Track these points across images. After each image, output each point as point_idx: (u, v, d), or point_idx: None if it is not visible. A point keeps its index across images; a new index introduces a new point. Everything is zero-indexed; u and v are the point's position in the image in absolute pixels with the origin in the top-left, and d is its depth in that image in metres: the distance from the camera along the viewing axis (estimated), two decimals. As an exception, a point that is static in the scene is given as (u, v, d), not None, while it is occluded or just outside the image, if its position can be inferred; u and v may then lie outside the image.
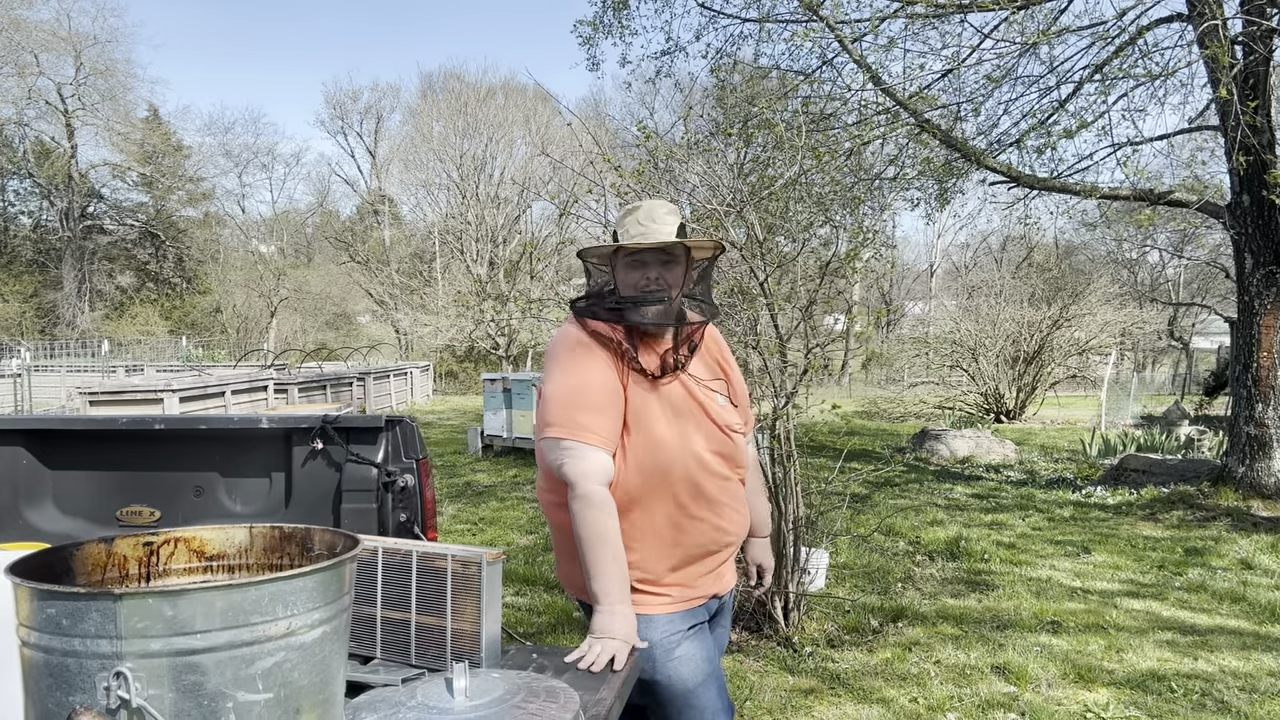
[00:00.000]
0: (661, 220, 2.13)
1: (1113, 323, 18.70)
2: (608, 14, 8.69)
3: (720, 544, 2.19)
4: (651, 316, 2.11)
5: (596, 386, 2.04)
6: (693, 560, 2.16)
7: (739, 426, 2.22)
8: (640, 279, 2.12)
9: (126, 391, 11.77)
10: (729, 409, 2.21)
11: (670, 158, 5.82)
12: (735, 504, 2.20)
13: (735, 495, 2.20)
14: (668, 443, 2.08)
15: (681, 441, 2.10)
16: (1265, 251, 7.69)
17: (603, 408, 2.03)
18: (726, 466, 2.17)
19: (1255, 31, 7.05)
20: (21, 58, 33.80)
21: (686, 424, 2.11)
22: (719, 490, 2.14)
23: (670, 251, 2.14)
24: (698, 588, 2.19)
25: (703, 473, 2.11)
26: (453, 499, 8.83)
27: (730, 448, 2.17)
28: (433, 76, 48.55)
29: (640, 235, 2.11)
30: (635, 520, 2.09)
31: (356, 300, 40.41)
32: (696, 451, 2.11)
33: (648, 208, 2.16)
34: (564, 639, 4.60)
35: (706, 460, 2.12)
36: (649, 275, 2.12)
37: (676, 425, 2.10)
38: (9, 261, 36.79)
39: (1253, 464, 7.83)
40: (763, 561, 2.50)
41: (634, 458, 2.08)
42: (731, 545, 2.23)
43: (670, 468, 2.09)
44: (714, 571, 2.21)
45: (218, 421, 2.83)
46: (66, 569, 1.42)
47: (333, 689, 1.37)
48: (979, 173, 8.75)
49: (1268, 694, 3.86)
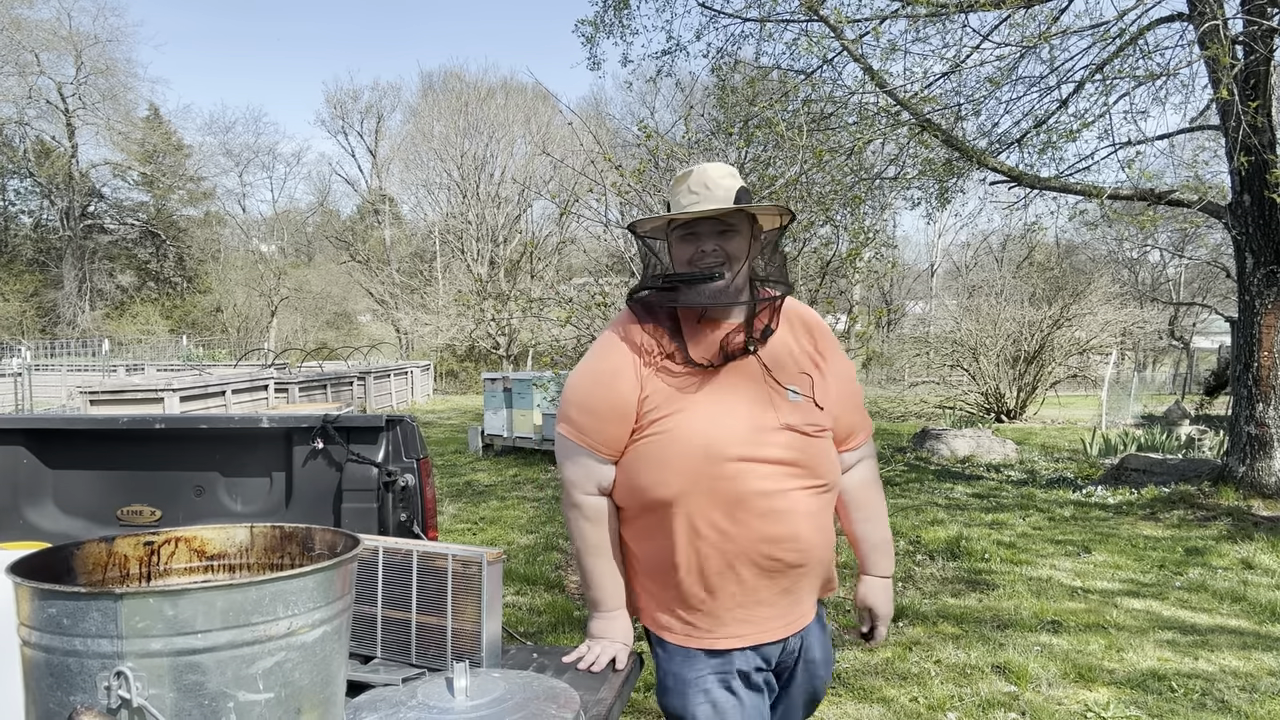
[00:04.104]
0: (716, 185, 1.86)
1: (1113, 322, 18.69)
2: (609, 13, 8.68)
3: (770, 567, 1.82)
4: (706, 296, 1.83)
5: (603, 390, 1.86)
6: (718, 588, 1.83)
7: (812, 428, 1.85)
8: (694, 253, 1.85)
9: (127, 391, 11.77)
10: (805, 407, 1.85)
11: (671, 157, 5.82)
12: (797, 520, 1.81)
13: (800, 510, 1.81)
14: (693, 442, 1.79)
15: (719, 440, 1.79)
16: (1266, 251, 7.68)
17: (603, 414, 1.85)
18: (791, 475, 1.81)
19: (1256, 31, 7.04)
20: (22, 57, 33.80)
21: (735, 420, 1.80)
22: (771, 502, 1.79)
23: (727, 221, 1.85)
24: (727, 624, 1.84)
25: (746, 479, 1.78)
26: (453, 499, 8.83)
27: (797, 453, 1.81)
28: (433, 76, 48.54)
29: (691, 204, 1.85)
30: (648, 529, 1.87)
31: (357, 300, 40.40)
32: (738, 453, 1.79)
33: (699, 172, 1.89)
34: (564, 639, 4.60)
35: (753, 465, 1.79)
36: (703, 248, 1.84)
37: (718, 421, 1.80)
38: (9, 261, 36.79)
39: (1253, 464, 7.82)
40: (875, 606, 2.03)
41: (656, 456, 1.82)
42: (790, 571, 1.84)
43: (698, 470, 1.79)
44: (761, 606, 1.84)
45: (218, 421, 2.83)
46: (67, 568, 1.42)
47: (333, 689, 1.37)
48: (980, 172, 8.75)
49: (1268, 694, 3.86)
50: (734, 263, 1.84)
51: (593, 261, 13.55)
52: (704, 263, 1.83)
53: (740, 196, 1.86)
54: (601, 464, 1.86)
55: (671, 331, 1.86)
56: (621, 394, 1.84)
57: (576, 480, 1.88)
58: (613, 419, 1.85)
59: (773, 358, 1.87)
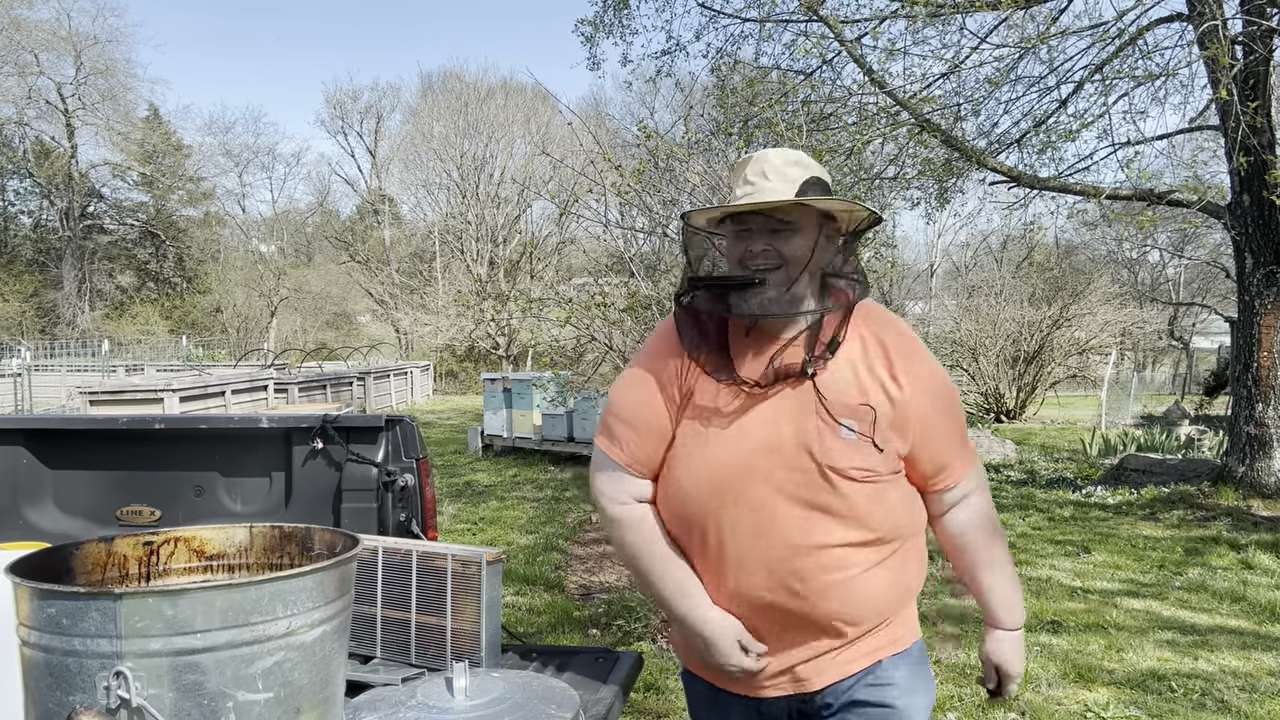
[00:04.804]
0: (776, 174, 1.60)
1: (1113, 322, 18.70)
2: (609, 13, 8.70)
3: (788, 623, 1.60)
4: (753, 305, 1.58)
5: (638, 398, 1.68)
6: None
7: (861, 472, 1.54)
8: (743, 252, 1.61)
9: (126, 391, 11.77)
10: (859, 447, 1.54)
11: (670, 157, 5.82)
12: (823, 578, 1.56)
13: (825, 566, 1.55)
14: (716, 474, 1.59)
15: (740, 475, 1.57)
16: (1265, 251, 7.68)
17: (636, 424, 1.67)
18: (828, 522, 1.55)
19: (1255, 31, 7.04)
20: (21, 57, 33.80)
21: (766, 455, 1.56)
22: (800, 556, 1.55)
23: (783, 217, 1.58)
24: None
25: (771, 523, 1.55)
26: (453, 499, 8.83)
27: (838, 499, 1.54)
28: (433, 76, 48.56)
29: (744, 196, 1.61)
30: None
31: (356, 300, 40.40)
32: (762, 493, 1.56)
33: (758, 159, 1.64)
34: (564, 639, 4.59)
35: (774, 511, 1.55)
36: (751, 248, 1.59)
37: (743, 452, 1.57)
38: (9, 261, 36.79)
39: (1253, 464, 7.82)
40: (1003, 663, 1.73)
41: (674, 484, 1.64)
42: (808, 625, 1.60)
43: (715, 508, 1.58)
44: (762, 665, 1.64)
45: (218, 421, 2.83)
46: (67, 569, 1.43)
47: (333, 688, 1.37)
48: (979, 172, 8.75)
49: (1268, 693, 3.86)
50: (792, 266, 1.58)
51: (592, 262, 13.55)
52: (753, 264, 1.59)
53: (807, 188, 1.59)
54: (634, 479, 1.68)
55: (716, 342, 1.63)
56: (655, 409, 1.66)
57: (608, 491, 1.70)
58: (648, 435, 1.66)
59: (831, 382, 1.57)
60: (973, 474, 1.70)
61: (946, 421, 1.64)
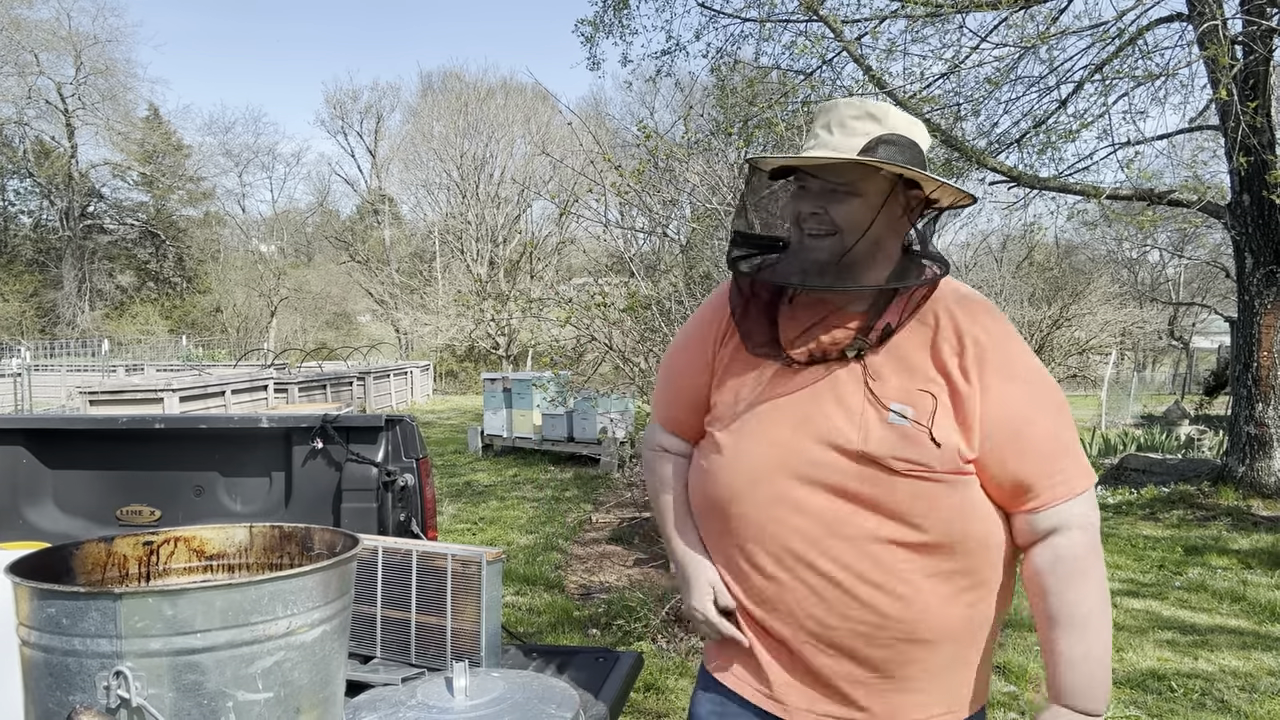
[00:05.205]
0: (845, 127, 1.39)
1: (1113, 322, 18.73)
2: (609, 13, 8.70)
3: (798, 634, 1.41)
4: (792, 274, 1.44)
5: (674, 363, 1.62)
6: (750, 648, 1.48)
7: (906, 464, 1.33)
8: (796, 213, 1.44)
9: (126, 391, 11.77)
10: (910, 434, 1.33)
11: (670, 157, 5.82)
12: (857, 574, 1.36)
13: (861, 561, 1.36)
14: (732, 461, 1.45)
15: (764, 459, 1.41)
16: (1265, 251, 7.68)
17: (670, 388, 1.62)
18: (863, 514, 1.36)
19: (1255, 31, 7.05)
20: (21, 57, 33.79)
21: (794, 437, 1.39)
22: (823, 549, 1.37)
23: (838, 179, 1.38)
24: (737, 674, 1.51)
25: (787, 520, 1.39)
26: (453, 499, 8.83)
27: (864, 488, 1.35)
28: (433, 76, 48.51)
29: (808, 149, 1.42)
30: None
31: (356, 300, 40.40)
32: (776, 485, 1.40)
33: (829, 109, 1.43)
34: (564, 638, 4.59)
35: (799, 500, 1.38)
36: (802, 209, 1.42)
37: (771, 434, 1.41)
38: (9, 261, 36.79)
39: (1253, 463, 7.83)
40: None
41: (712, 458, 1.50)
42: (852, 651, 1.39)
43: (728, 497, 1.45)
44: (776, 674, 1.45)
45: (218, 421, 2.83)
46: (66, 568, 1.43)
47: (333, 688, 1.37)
48: (979, 172, 8.76)
49: (1268, 693, 3.86)
50: (847, 234, 1.38)
51: (593, 261, 13.56)
52: (805, 228, 1.42)
53: (875, 147, 1.36)
54: (668, 434, 1.63)
55: (762, 309, 1.47)
56: (690, 376, 1.56)
57: (645, 438, 1.69)
58: (681, 401, 1.58)
59: (886, 363, 1.39)
60: (1071, 505, 1.36)
61: (1035, 432, 1.36)
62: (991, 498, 1.38)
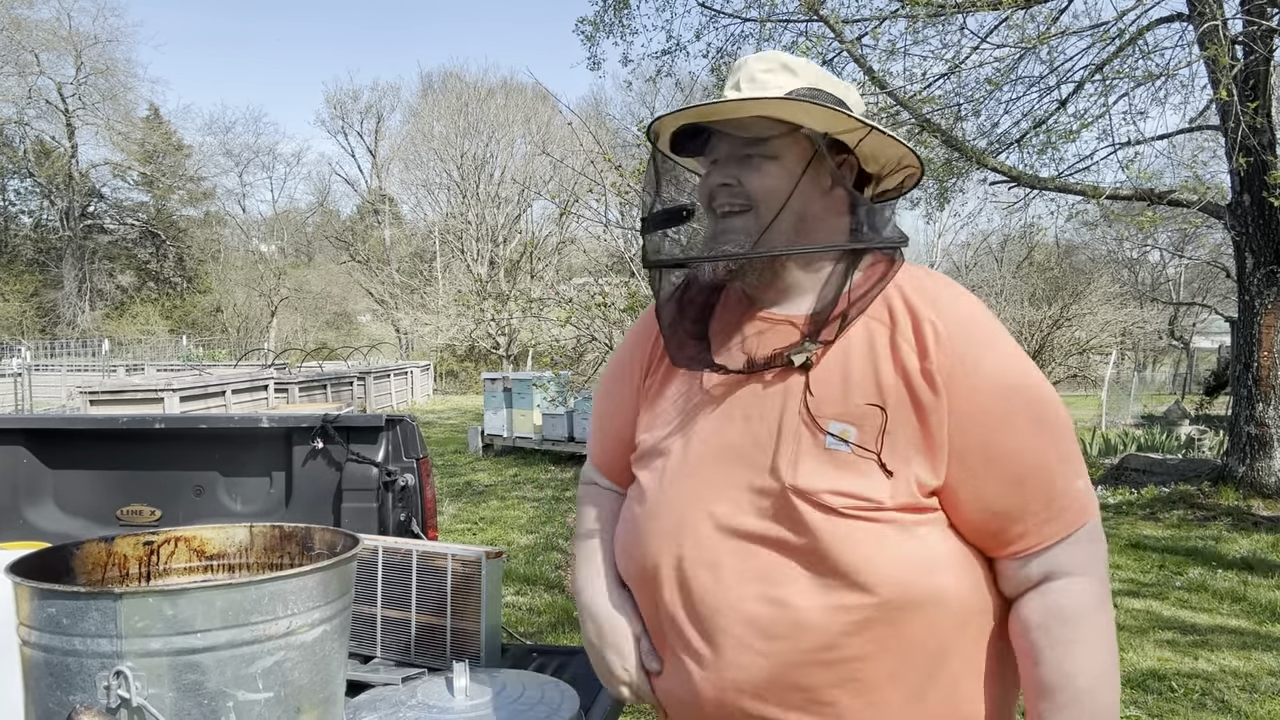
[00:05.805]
0: (755, 81, 1.15)
1: (1113, 322, 18.73)
2: (609, 13, 8.70)
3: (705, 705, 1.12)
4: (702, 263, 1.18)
5: (604, 408, 1.39)
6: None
7: (844, 500, 1.05)
8: (708, 193, 1.19)
9: (127, 391, 11.77)
10: (848, 463, 1.06)
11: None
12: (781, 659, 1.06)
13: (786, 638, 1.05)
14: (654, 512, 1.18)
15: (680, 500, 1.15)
16: (1266, 251, 7.69)
17: (603, 429, 1.39)
18: (790, 565, 1.06)
19: (1255, 31, 7.04)
20: (22, 57, 33.80)
21: (717, 474, 1.13)
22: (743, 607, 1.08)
23: (752, 136, 1.14)
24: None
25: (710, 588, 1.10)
26: (453, 498, 8.83)
27: (793, 535, 1.06)
28: (433, 76, 48.54)
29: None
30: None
31: (357, 300, 40.42)
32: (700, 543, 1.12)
33: (739, 66, 1.19)
34: (564, 638, 4.60)
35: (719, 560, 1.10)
36: (710, 182, 1.18)
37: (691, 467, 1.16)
38: (9, 261, 36.80)
39: (1253, 463, 7.83)
40: None
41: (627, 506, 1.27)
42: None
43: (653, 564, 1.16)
44: None
45: (218, 421, 2.83)
46: (67, 568, 1.43)
47: (333, 688, 1.37)
48: (980, 172, 8.76)
49: (1268, 693, 3.86)
50: (763, 209, 1.14)
51: (593, 261, 13.55)
52: (716, 206, 1.17)
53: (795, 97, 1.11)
54: (601, 475, 1.41)
55: (689, 315, 1.23)
56: (621, 416, 1.32)
57: (583, 474, 1.49)
58: (614, 444, 1.34)
59: (827, 372, 1.11)
60: (1067, 545, 1.07)
61: (1018, 450, 1.06)
62: (967, 540, 1.09)
